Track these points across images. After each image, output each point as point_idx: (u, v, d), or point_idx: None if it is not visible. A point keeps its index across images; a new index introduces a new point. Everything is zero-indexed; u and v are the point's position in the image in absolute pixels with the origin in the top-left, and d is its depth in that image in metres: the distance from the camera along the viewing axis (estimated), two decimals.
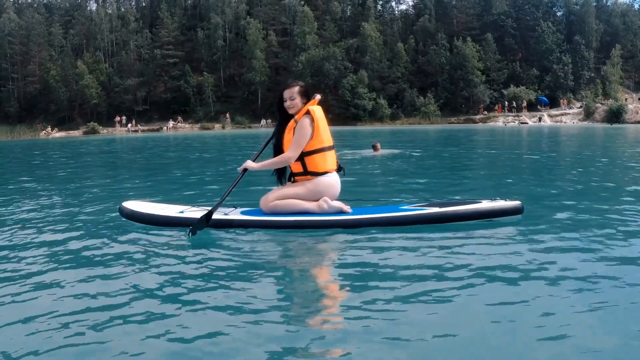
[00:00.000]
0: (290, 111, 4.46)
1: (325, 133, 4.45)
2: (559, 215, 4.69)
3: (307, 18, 59.02)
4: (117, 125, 56.99)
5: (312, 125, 4.36)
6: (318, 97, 4.53)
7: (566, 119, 52.23)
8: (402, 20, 63.89)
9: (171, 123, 56.46)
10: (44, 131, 56.89)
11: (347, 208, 4.40)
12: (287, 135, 4.46)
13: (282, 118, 4.54)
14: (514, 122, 50.29)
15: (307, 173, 4.44)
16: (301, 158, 4.41)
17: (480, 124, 50.61)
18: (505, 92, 56.13)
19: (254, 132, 43.14)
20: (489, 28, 60.18)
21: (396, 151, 14.67)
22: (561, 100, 55.74)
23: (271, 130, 4.94)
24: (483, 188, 7.19)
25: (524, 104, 54.19)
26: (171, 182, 8.96)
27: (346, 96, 54.95)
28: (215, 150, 20.08)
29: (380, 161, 11.98)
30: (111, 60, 63.28)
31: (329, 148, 4.48)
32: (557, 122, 50.88)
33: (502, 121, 50.94)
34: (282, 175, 4.59)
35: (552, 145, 18.53)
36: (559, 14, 64.37)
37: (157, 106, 60.06)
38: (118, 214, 4.76)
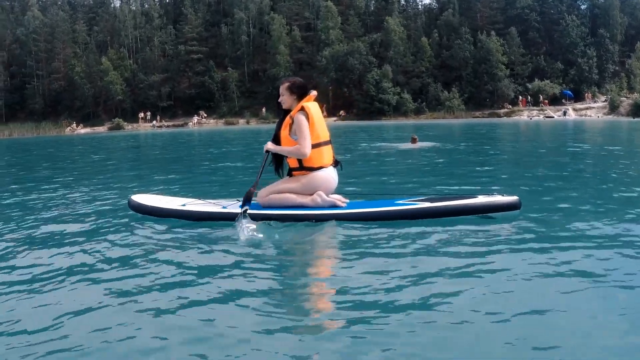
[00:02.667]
0: (283, 106, 4.67)
1: (321, 128, 4.62)
2: (560, 212, 4.64)
3: (330, 13, 58.92)
4: (142, 121, 57.40)
5: (307, 120, 4.52)
6: (313, 93, 4.70)
7: (591, 112, 51.85)
8: (426, 15, 63.63)
9: (196, 119, 56.77)
10: (69, 127, 57.45)
11: (341, 202, 4.53)
12: (283, 132, 4.64)
13: (280, 113, 4.75)
14: (538, 116, 50.05)
15: (302, 168, 4.60)
16: None
17: (505, 118, 50.37)
18: (529, 86, 55.82)
19: None
20: (512, 22, 59.77)
21: (433, 144, 15.00)
22: (586, 94, 55.31)
23: None
24: (498, 182, 7.22)
25: (541, 98, 53.84)
26: (188, 176, 9.30)
27: (370, 91, 54.83)
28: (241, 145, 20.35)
29: (417, 153, 12.32)
30: (135, 56, 63.60)
31: (325, 143, 4.64)
32: (581, 115, 50.53)
33: (527, 115, 50.70)
34: (280, 168, 4.78)
35: (572, 139, 18.47)
36: (583, 7, 63.78)
37: (182, 102, 60.34)
38: (127, 206, 5.03)
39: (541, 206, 4.93)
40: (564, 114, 50.35)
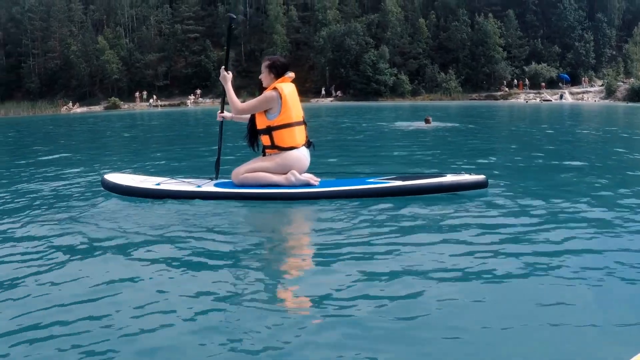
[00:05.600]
0: (263, 83, 4.82)
1: (294, 109, 4.72)
2: (526, 189, 4.85)
3: None
4: (138, 100, 57.23)
5: (279, 101, 4.63)
6: (290, 74, 4.82)
7: (587, 96, 51.88)
8: None
9: (192, 98, 56.66)
10: (65, 107, 57.31)
11: (314, 181, 4.64)
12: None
13: (260, 90, 4.89)
14: (535, 99, 50.09)
15: (274, 147, 4.70)
16: (269, 132, 4.69)
17: (501, 100, 50.44)
18: (526, 69, 55.80)
19: None
20: (510, 4, 59.48)
21: (447, 124, 15.81)
22: (582, 78, 55.31)
23: None
24: (493, 161, 7.48)
25: (521, 82, 53.88)
26: (170, 156, 9.34)
27: (367, 72, 54.64)
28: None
29: (429, 133, 13.02)
30: (132, 35, 63.18)
31: (298, 123, 4.75)
32: (578, 99, 50.58)
33: (524, 98, 50.76)
34: (255, 143, 4.90)
35: (569, 123, 18.79)
36: None
37: (178, 81, 60.13)
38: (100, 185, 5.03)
39: (512, 185, 5.14)
40: (561, 97, 50.40)
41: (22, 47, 63.26)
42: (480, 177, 4.54)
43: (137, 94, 57.66)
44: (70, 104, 58.07)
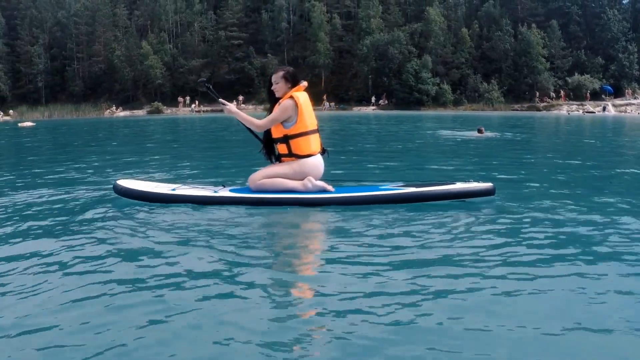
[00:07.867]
0: (276, 94, 4.80)
1: (309, 117, 4.80)
2: (533, 200, 4.87)
3: (371, 2, 58.88)
4: (181, 105, 58.05)
5: (296, 109, 4.70)
6: (304, 83, 4.90)
7: (631, 109, 51.44)
8: (467, 5, 63.10)
9: (235, 104, 57.27)
10: (109, 110, 58.38)
11: (329, 187, 4.75)
12: None
13: (271, 101, 4.89)
14: (578, 110, 49.79)
15: (291, 155, 4.78)
16: (286, 140, 4.75)
17: (544, 111, 50.21)
18: (569, 80, 55.51)
19: (316, 114, 43.43)
20: (554, 15, 59.33)
21: (497, 134, 16.06)
22: (626, 90, 54.85)
23: (334, 112, 5.30)
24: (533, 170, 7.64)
25: (567, 92, 53.68)
26: (188, 162, 9.30)
27: (410, 81, 54.86)
28: None
29: (482, 143, 13.18)
30: (175, 41, 64.15)
31: (313, 132, 4.83)
32: (621, 112, 50.15)
33: (566, 110, 50.48)
34: (272, 154, 4.95)
35: (604, 135, 18.42)
36: (625, 1, 62.98)
37: (221, 87, 60.66)
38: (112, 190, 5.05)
39: (518, 193, 5.25)
40: (604, 109, 49.99)
41: (67, 50, 64.59)
42: (488, 184, 4.69)
43: (180, 99, 58.49)
44: (114, 107, 59.17)
